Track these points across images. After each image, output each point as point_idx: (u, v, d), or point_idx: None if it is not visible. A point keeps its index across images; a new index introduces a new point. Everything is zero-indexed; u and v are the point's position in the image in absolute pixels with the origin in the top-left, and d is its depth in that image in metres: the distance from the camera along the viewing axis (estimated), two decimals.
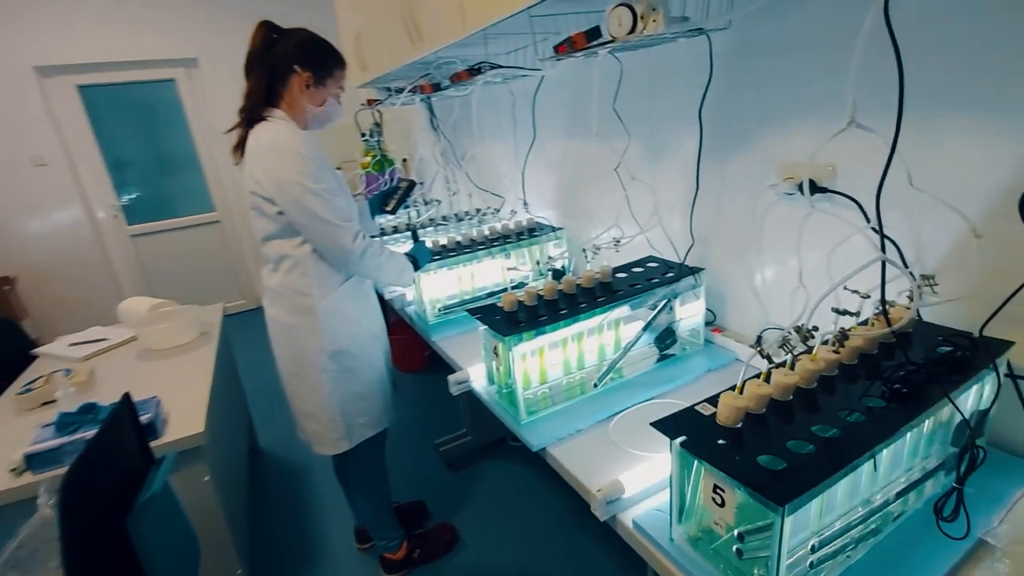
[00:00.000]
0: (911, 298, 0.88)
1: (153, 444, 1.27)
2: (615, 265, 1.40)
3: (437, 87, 2.07)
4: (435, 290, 1.78)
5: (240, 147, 1.33)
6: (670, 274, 1.34)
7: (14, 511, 1.18)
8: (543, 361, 1.22)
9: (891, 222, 0.86)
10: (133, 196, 4.09)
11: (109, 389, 1.63)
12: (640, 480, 0.94)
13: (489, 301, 1.42)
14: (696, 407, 0.80)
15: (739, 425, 0.74)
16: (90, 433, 1.22)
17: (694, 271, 1.33)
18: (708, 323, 1.43)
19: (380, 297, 1.69)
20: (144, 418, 1.24)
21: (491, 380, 1.31)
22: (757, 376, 0.80)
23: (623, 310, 1.28)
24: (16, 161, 3.54)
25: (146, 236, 4.15)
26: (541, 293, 1.25)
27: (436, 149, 2.85)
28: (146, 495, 0.95)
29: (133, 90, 3.92)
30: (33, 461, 1.19)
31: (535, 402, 1.21)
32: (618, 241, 1.47)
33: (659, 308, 1.33)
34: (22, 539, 0.97)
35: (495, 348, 1.23)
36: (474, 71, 1.72)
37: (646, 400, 1.21)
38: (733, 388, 0.78)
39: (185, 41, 3.85)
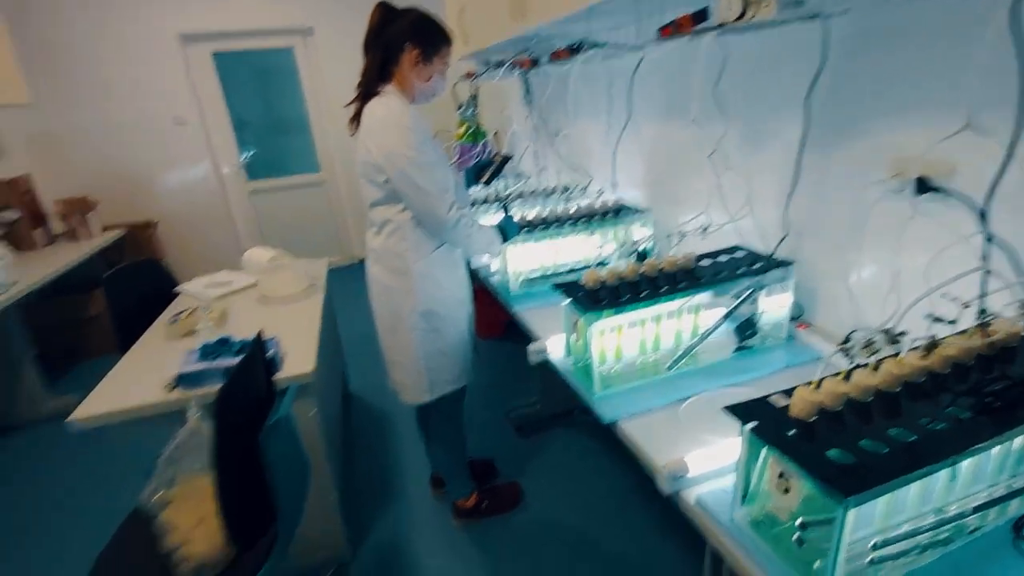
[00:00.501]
0: None
1: (273, 378, 1.47)
2: (700, 252, 1.40)
3: (535, 62, 2.10)
4: (520, 263, 1.86)
5: (356, 119, 1.47)
6: (757, 265, 1.32)
7: (165, 420, 1.42)
8: (620, 339, 1.26)
9: (1010, 230, 0.81)
10: (251, 154, 4.51)
11: (237, 326, 1.88)
12: (705, 463, 0.96)
13: (571, 277, 1.48)
14: (769, 398, 0.82)
15: (812, 419, 0.76)
16: (227, 361, 1.45)
17: (783, 263, 1.31)
18: (795, 318, 1.40)
19: (467, 266, 1.79)
20: (268, 354, 1.44)
21: (568, 352, 1.38)
22: (837, 374, 0.81)
23: (704, 297, 1.29)
24: (161, 120, 4.03)
25: (261, 192, 4.58)
26: (623, 274, 1.28)
27: (528, 124, 2.90)
28: (275, 417, 1.13)
29: (256, 57, 4.28)
30: (182, 380, 1.44)
31: (609, 378, 1.27)
32: (706, 228, 1.46)
33: (742, 298, 1.33)
34: (178, 442, 1.19)
35: (575, 323, 1.29)
36: (574, 49, 1.74)
37: (719, 387, 1.23)
38: (810, 383, 0.80)
39: (304, 11, 4.14)
